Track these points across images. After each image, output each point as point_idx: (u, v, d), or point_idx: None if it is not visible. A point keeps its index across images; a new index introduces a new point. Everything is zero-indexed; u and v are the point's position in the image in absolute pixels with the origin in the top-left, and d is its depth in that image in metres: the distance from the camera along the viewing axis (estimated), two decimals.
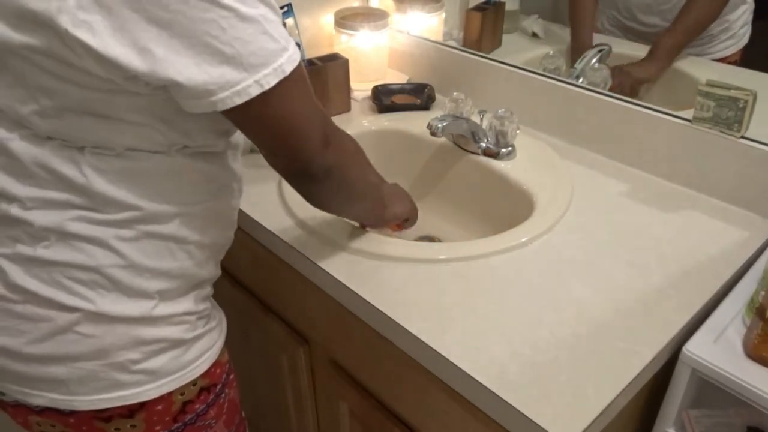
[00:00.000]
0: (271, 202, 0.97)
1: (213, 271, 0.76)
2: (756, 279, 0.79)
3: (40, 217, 0.62)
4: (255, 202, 0.97)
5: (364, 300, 0.79)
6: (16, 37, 0.55)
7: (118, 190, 0.63)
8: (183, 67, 0.54)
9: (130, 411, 0.69)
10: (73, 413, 0.68)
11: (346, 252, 0.86)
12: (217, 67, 0.55)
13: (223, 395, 0.78)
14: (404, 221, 0.93)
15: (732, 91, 0.89)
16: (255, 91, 0.56)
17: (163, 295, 0.68)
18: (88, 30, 0.53)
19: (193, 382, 0.73)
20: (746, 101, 0.88)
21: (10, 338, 0.64)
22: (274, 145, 0.65)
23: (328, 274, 0.83)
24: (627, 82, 1.07)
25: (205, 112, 0.58)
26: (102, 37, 0.53)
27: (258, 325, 1.12)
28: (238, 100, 0.56)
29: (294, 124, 0.62)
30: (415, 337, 0.73)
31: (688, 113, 0.95)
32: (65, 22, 0.52)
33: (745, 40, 0.97)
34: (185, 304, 0.71)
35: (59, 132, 0.61)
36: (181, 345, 0.70)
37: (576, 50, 1.14)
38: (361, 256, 0.85)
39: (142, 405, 0.69)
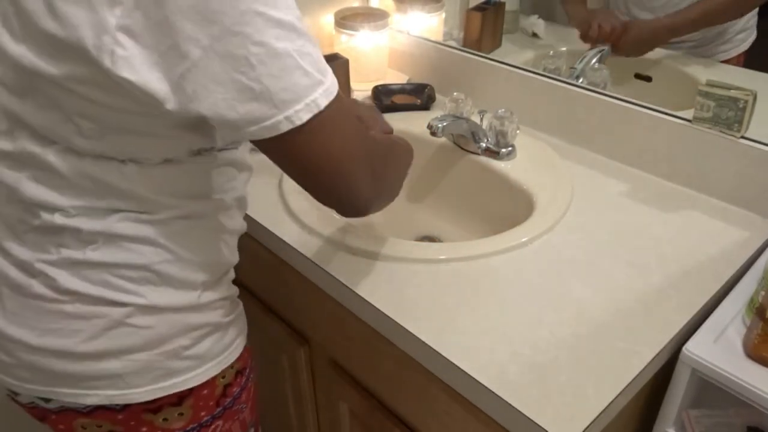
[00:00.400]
0: (272, 202, 0.97)
1: (236, 255, 0.78)
2: (756, 279, 0.79)
3: (86, 223, 0.63)
4: (255, 202, 0.97)
5: (364, 300, 0.79)
6: (51, 67, 0.55)
7: (161, 194, 0.64)
8: (211, 104, 0.53)
9: (179, 398, 0.70)
10: (123, 409, 0.69)
11: (346, 252, 0.86)
12: (245, 104, 0.53)
13: (250, 379, 0.81)
14: None
15: (732, 91, 0.89)
16: (285, 127, 0.54)
17: (205, 284, 0.70)
18: (128, 67, 0.52)
19: (231, 365, 0.75)
20: (746, 101, 0.88)
21: (63, 339, 0.65)
22: (316, 185, 0.61)
23: (328, 274, 0.83)
24: (629, 32, 1.07)
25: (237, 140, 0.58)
26: (141, 72, 0.52)
27: (258, 325, 1.12)
28: (267, 134, 0.55)
29: (335, 162, 0.59)
30: (415, 337, 0.73)
31: (688, 113, 0.95)
32: (106, 60, 0.52)
33: (744, 47, 0.96)
34: (222, 289, 0.74)
35: (99, 149, 0.61)
36: (220, 328, 0.73)
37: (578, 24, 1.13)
38: (361, 256, 0.85)
39: (190, 391, 0.71)
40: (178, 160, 0.64)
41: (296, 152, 0.57)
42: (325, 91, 0.56)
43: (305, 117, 0.55)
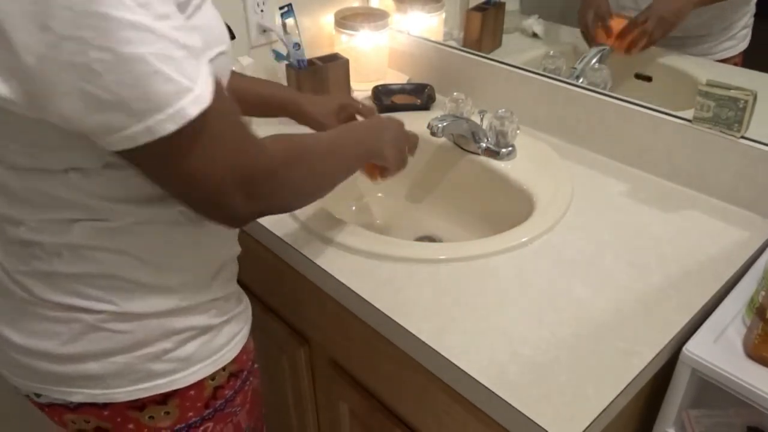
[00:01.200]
0: None
1: (232, 249, 0.75)
2: (756, 279, 0.79)
3: (48, 237, 0.62)
4: None
5: (364, 300, 0.79)
6: None
7: (111, 200, 0.61)
8: (61, 113, 0.50)
9: (164, 397, 0.69)
10: (107, 405, 0.68)
11: (346, 252, 0.86)
12: (96, 113, 0.49)
13: (248, 383, 0.79)
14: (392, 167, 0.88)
15: (732, 91, 0.89)
16: (145, 138, 0.50)
17: (187, 286, 0.68)
18: None
19: (223, 368, 0.73)
20: (746, 101, 0.88)
21: (45, 341, 0.65)
22: (188, 196, 0.58)
23: (328, 274, 0.83)
24: (652, 22, 1.03)
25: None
26: None
27: (258, 325, 1.12)
28: (129, 145, 0.51)
29: (204, 177, 0.55)
30: (415, 337, 0.73)
31: (688, 113, 0.95)
32: None
33: (744, 44, 0.97)
34: (214, 288, 0.71)
35: (35, 163, 0.58)
36: (210, 330, 0.71)
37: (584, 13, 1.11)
38: (361, 256, 0.85)
39: (175, 391, 0.70)
40: (119, 165, 0.58)
41: (165, 164, 0.54)
42: (195, 99, 0.51)
43: (171, 128, 0.50)
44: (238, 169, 0.57)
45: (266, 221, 0.93)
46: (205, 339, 0.71)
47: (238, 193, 0.58)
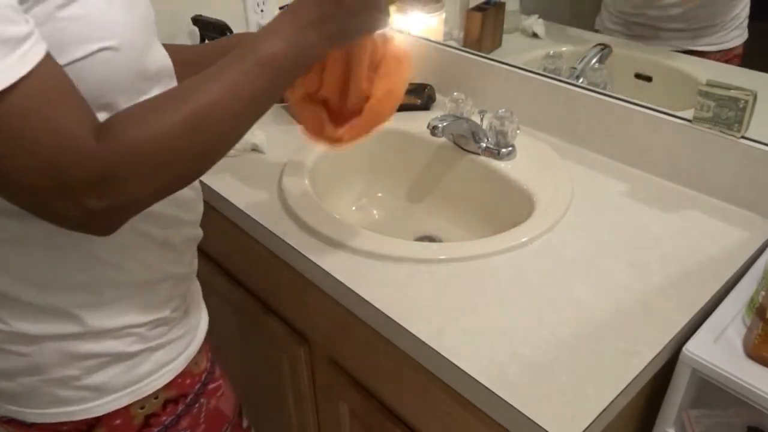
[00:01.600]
0: (271, 201, 0.97)
1: (161, 272, 0.68)
2: (756, 279, 0.79)
3: None
4: (254, 202, 0.97)
5: (364, 300, 0.79)
6: None
7: None
8: None
9: (88, 426, 0.66)
10: (32, 426, 0.66)
11: (346, 252, 0.86)
12: None
13: (197, 405, 0.73)
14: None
15: (732, 91, 0.89)
16: None
17: (88, 309, 0.63)
18: None
19: (155, 395, 0.69)
20: (746, 101, 0.88)
21: None
22: (11, 200, 0.52)
23: (328, 274, 0.83)
24: None
25: None
26: None
27: (258, 325, 1.12)
28: None
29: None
30: (415, 337, 0.73)
31: (688, 113, 0.95)
32: None
33: (746, 35, 0.98)
34: (127, 315, 0.65)
35: None
36: (127, 359, 0.66)
37: None
38: (361, 256, 0.85)
39: (98, 420, 0.66)
40: None
41: None
42: None
43: None
44: (46, 172, 0.48)
45: (265, 220, 0.93)
46: (123, 368, 0.66)
47: (62, 198, 0.50)
